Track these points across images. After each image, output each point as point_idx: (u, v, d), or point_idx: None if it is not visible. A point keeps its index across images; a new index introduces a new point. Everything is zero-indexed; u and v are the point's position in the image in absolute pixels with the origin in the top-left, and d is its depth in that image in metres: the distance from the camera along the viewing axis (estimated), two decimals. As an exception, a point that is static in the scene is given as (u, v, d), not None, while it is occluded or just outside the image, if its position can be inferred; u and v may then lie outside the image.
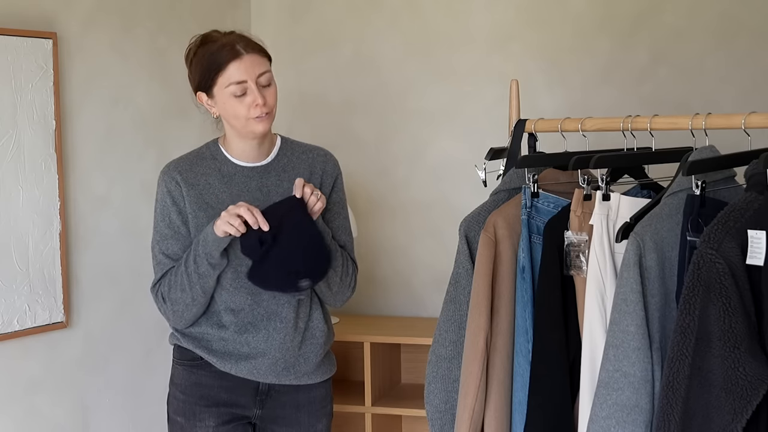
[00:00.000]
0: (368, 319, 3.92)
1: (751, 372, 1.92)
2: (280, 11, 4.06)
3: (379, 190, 3.98)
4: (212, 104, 2.59)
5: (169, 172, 2.63)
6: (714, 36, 3.62)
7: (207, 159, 2.65)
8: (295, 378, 2.69)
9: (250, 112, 2.53)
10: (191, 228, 2.60)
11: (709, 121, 2.35)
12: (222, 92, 2.53)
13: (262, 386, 2.67)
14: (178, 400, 2.69)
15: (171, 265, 2.61)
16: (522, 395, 2.40)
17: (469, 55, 3.86)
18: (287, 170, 2.67)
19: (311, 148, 2.74)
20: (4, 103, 2.96)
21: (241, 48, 2.52)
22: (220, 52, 2.52)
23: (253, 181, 2.64)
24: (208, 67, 2.53)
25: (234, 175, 2.63)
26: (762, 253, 1.96)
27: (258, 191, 2.63)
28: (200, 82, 2.57)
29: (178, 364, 2.71)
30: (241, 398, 2.67)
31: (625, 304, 2.13)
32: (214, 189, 2.61)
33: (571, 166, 2.40)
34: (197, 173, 2.62)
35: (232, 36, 2.56)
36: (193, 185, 2.61)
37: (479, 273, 2.42)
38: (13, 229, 2.99)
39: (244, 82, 2.51)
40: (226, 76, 2.52)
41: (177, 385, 2.71)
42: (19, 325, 3.01)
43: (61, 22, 3.18)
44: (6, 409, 3.01)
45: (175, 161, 2.67)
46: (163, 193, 2.62)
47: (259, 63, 2.55)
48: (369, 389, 3.59)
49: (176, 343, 2.70)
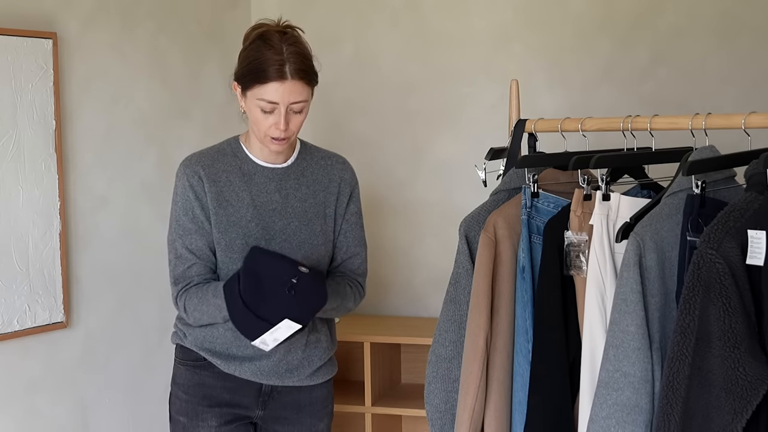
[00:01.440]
0: (368, 319, 3.92)
1: (751, 372, 1.92)
2: (280, 11, 4.04)
3: (379, 190, 3.98)
4: (241, 100, 2.58)
5: (191, 166, 2.60)
6: (715, 35, 3.61)
7: (228, 156, 2.64)
8: (298, 380, 2.69)
9: (270, 131, 2.53)
10: (212, 224, 2.59)
11: (709, 121, 2.35)
12: (252, 99, 2.52)
13: (264, 387, 2.67)
14: (181, 400, 2.68)
15: (194, 262, 2.58)
16: (522, 395, 2.40)
17: (470, 55, 3.86)
18: (306, 174, 2.67)
19: (330, 155, 2.75)
20: (4, 103, 2.96)
21: (289, 72, 2.48)
22: (269, 67, 2.48)
23: (272, 182, 2.63)
24: (251, 72, 2.50)
25: (254, 174, 2.63)
26: (762, 253, 1.96)
27: (277, 193, 2.63)
28: (240, 77, 2.55)
29: (181, 364, 2.70)
30: (244, 399, 2.67)
31: (625, 304, 2.13)
32: (235, 187, 2.61)
33: (571, 166, 2.40)
34: (218, 169, 2.61)
35: (288, 52, 2.49)
36: (215, 181, 2.59)
37: (479, 273, 2.42)
38: (13, 229, 2.99)
39: (276, 104, 2.50)
40: (261, 90, 2.49)
41: (180, 384, 2.70)
42: (19, 325, 3.01)
43: (61, 22, 3.18)
44: (6, 409, 3.01)
45: (196, 155, 2.64)
46: (185, 187, 2.59)
47: (300, 91, 2.51)
48: (369, 389, 3.59)
49: (179, 342, 2.69)
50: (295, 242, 2.62)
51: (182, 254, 2.59)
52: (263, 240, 2.59)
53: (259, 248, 2.53)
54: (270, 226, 2.61)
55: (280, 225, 2.62)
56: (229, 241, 2.58)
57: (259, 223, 2.60)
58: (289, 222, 2.63)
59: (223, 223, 2.58)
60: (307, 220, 2.64)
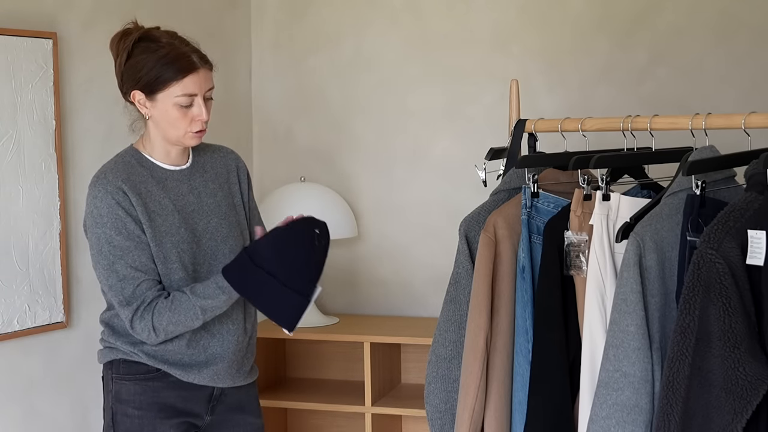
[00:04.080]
0: (368, 319, 3.92)
1: (751, 372, 1.92)
2: (280, 11, 4.06)
3: (379, 190, 3.98)
4: (149, 107, 2.52)
5: (111, 182, 2.49)
6: (714, 35, 3.61)
7: (135, 166, 2.56)
8: (243, 379, 2.68)
9: (191, 126, 2.51)
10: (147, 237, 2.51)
11: (709, 121, 2.36)
12: (167, 99, 2.49)
13: (216, 392, 2.64)
14: (132, 417, 2.58)
15: (143, 279, 2.48)
16: (522, 395, 2.40)
17: (469, 55, 3.86)
18: (207, 170, 2.66)
19: (218, 147, 2.74)
20: (4, 103, 2.96)
21: (197, 60, 2.50)
22: (178, 62, 2.48)
23: (183, 184, 2.60)
24: (161, 74, 2.48)
25: (166, 179, 2.58)
26: (762, 253, 1.96)
27: (190, 194, 2.60)
28: (146, 83, 2.50)
29: (127, 380, 2.59)
30: (196, 406, 2.63)
31: (625, 304, 2.13)
32: (155, 196, 2.54)
33: (571, 166, 2.40)
34: (135, 181, 2.52)
35: (183, 44, 2.52)
36: (139, 194, 2.51)
37: (479, 273, 2.42)
38: (13, 229, 2.99)
39: (195, 96, 2.50)
40: (180, 86, 2.48)
41: (127, 401, 2.59)
42: (19, 325, 3.01)
43: (61, 22, 3.18)
44: (6, 409, 3.01)
45: (110, 171, 2.52)
46: (111, 205, 2.47)
47: (209, 78, 2.53)
48: (369, 389, 3.58)
49: (121, 357, 2.59)
50: (220, 238, 2.61)
51: (127, 274, 2.48)
52: (194, 243, 2.56)
53: (256, 241, 2.54)
54: (194, 227, 2.57)
55: (203, 225, 2.59)
56: (165, 252, 2.51)
57: (186, 227, 2.56)
58: (209, 220, 2.60)
59: (156, 234, 2.51)
60: (223, 214, 2.63)
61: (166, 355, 2.57)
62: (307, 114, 4.03)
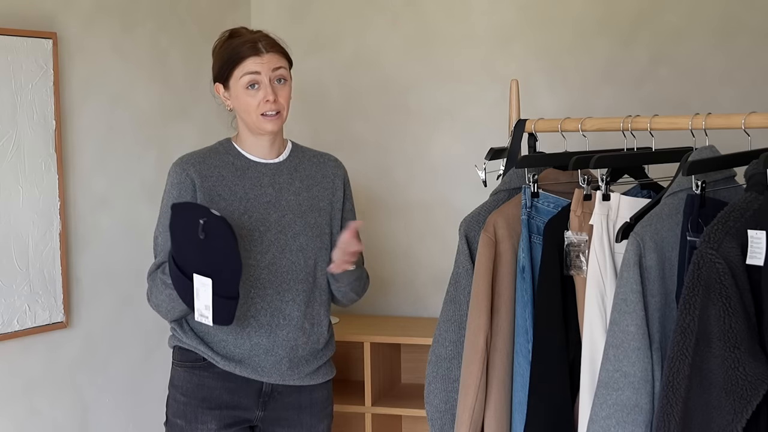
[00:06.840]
0: (368, 319, 3.92)
1: (751, 372, 1.92)
2: (280, 11, 4.06)
3: (379, 190, 3.98)
4: (228, 96, 2.66)
5: (181, 164, 2.66)
6: (714, 35, 3.61)
7: (220, 153, 2.69)
8: (299, 378, 2.69)
9: (261, 108, 2.60)
10: None
11: (709, 121, 2.35)
12: (237, 84, 2.61)
13: (265, 387, 2.67)
14: (179, 403, 2.68)
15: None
16: (522, 395, 2.40)
17: (470, 55, 3.86)
18: (299, 170, 2.73)
19: (321, 154, 2.82)
20: (4, 103, 2.96)
21: (263, 47, 2.61)
22: (242, 47, 2.60)
23: (265, 177, 2.68)
24: (228, 59, 2.62)
25: (247, 169, 2.68)
26: (762, 253, 1.96)
27: (270, 187, 2.67)
28: (219, 73, 2.66)
29: (179, 366, 2.70)
30: (244, 400, 2.66)
31: (625, 304, 2.13)
32: (227, 181, 2.65)
33: (571, 166, 2.40)
34: (210, 165, 2.66)
35: (258, 34, 2.65)
36: (206, 177, 2.64)
37: (479, 273, 2.42)
38: (13, 229, 2.99)
39: (258, 74, 2.59)
40: (241, 68, 2.60)
41: (177, 387, 2.70)
42: (19, 325, 3.01)
43: (61, 22, 3.18)
44: (6, 409, 3.01)
45: (187, 155, 2.70)
46: (173, 184, 2.64)
47: (278, 60, 2.63)
48: (369, 389, 3.59)
49: (177, 344, 2.70)
50: (290, 233, 2.67)
51: (159, 237, 2.65)
52: (257, 231, 2.63)
53: (176, 203, 2.57)
54: (265, 218, 2.65)
55: (275, 217, 2.66)
56: None
57: (252, 215, 2.63)
58: (283, 214, 2.67)
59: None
60: (301, 213, 2.69)
61: (212, 343, 2.64)
62: (307, 114, 4.03)
